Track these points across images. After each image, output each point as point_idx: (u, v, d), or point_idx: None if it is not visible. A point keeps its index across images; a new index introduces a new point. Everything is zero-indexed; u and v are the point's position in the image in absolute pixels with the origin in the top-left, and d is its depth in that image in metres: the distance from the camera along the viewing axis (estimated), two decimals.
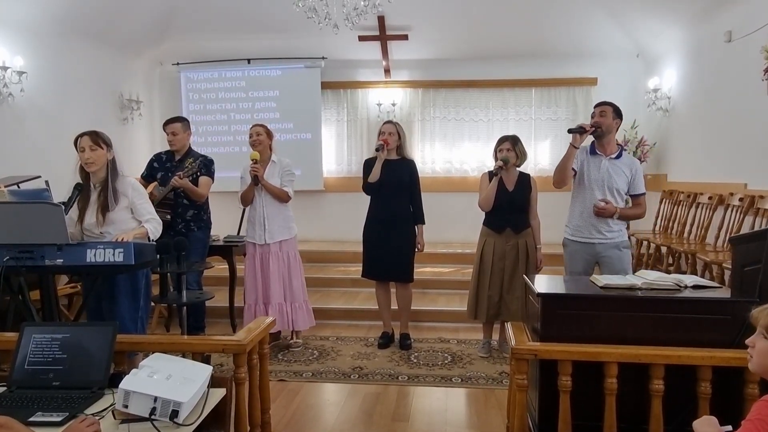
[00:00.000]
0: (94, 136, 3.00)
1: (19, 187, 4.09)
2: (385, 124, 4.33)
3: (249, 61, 7.20)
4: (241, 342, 2.28)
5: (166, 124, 4.32)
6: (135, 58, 6.89)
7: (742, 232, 4.29)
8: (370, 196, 4.32)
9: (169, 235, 3.93)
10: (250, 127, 4.30)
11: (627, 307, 2.30)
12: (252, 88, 7.29)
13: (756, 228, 4.18)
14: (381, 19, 6.27)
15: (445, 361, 4.07)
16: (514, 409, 2.27)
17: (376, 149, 4.22)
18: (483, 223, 4.14)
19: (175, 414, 1.75)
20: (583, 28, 6.31)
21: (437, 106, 7.27)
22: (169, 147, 4.32)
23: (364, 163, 4.35)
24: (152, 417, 1.74)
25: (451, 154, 7.29)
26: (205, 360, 2.35)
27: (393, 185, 4.19)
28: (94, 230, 3.03)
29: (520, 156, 4.04)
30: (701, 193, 5.19)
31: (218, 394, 2.02)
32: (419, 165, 4.80)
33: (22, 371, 2.03)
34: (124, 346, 2.30)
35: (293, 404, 3.37)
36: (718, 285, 2.56)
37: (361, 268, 4.40)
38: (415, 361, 4.08)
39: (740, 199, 4.50)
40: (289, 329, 4.32)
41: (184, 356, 2.40)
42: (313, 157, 7.12)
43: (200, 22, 6.46)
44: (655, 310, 2.27)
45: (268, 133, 4.25)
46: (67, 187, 3.11)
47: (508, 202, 4.00)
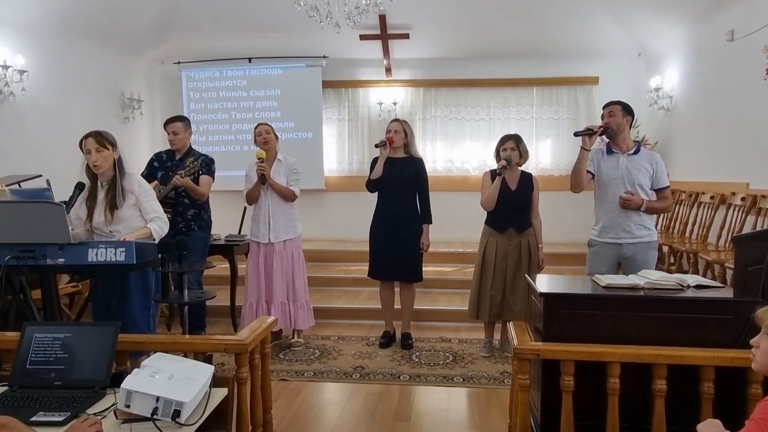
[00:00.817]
0: (99, 138, 2.98)
1: (20, 187, 4.09)
2: (391, 122, 4.32)
3: (250, 60, 7.20)
4: (243, 341, 2.28)
5: (167, 123, 4.31)
6: (136, 57, 6.89)
7: (744, 231, 4.29)
8: (373, 193, 4.30)
9: (169, 234, 3.92)
10: (256, 125, 4.28)
11: (629, 307, 2.30)
12: (253, 87, 7.29)
13: (758, 227, 4.18)
14: (382, 18, 6.27)
15: (447, 361, 4.06)
16: (517, 409, 2.27)
17: (376, 145, 4.22)
18: (485, 223, 4.13)
19: (177, 414, 1.75)
20: (585, 27, 6.29)
21: (438, 105, 7.26)
22: (170, 146, 4.32)
23: (372, 161, 4.34)
24: (154, 417, 1.74)
25: (452, 153, 7.28)
26: (207, 360, 2.35)
27: (398, 183, 4.18)
28: (104, 229, 3.03)
29: (523, 155, 4.03)
30: (703, 193, 5.18)
31: (220, 393, 2.02)
32: None
33: (23, 371, 2.03)
34: (126, 345, 2.30)
35: (295, 404, 3.37)
36: (720, 285, 2.56)
37: (368, 268, 4.38)
38: (416, 360, 4.08)
39: (742, 199, 4.49)
40: (291, 327, 4.31)
41: (185, 356, 2.40)
42: (314, 156, 7.11)
43: (201, 21, 6.46)
44: (658, 310, 2.27)
45: (274, 133, 4.26)
46: (69, 186, 3.11)
47: (511, 202, 3.98)
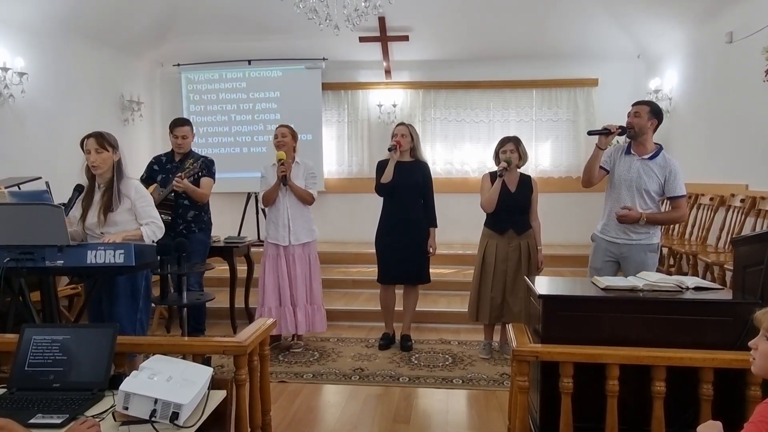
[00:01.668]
0: (100, 139, 2.98)
1: (19, 189, 4.09)
2: (398, 126, 4.32)
3: (249, 62, 7.21)
4: (242, 343, 2.28)
5: (176, 126, 4.25)
6: (136, 59, 6.89)
7: (743, 233, 4.29)
8: (383, 197, 4.30)
9: (169, 236, 3.92)
10: (276, 127, 4.26)
11: (628, 309, 2.29)
12: (253, 89, 7.29)
13: (757, 229, 4.18)
14: (382, 20, 6.27)
15: (446, 363, 4.06)
16: (516, 411, 2.26)
17: (389, 149, 4.21)
18: (484, 225, 4.13)
19: (175, 416, 1.75)
20: (585, 29, 6.30)
21: (438, 107, 7.27)
22: (177, 149, 4.28)
23: (377, 165, 4.32)
24: (153, 419, 1.74)
25: (452, 155, 7.29)
26: (206, 362, 2.34)
27: (406, 187, 4.18)
28: (96, 230, 3.02)
29: (522, 157, 4.03)
30: (702, 194, 5.18)
31: (219, 395, 2.02)
32: None
33: (22, 373, 2.03)
34: (125, 347, 2.29)
35: (294, 406, 3.37)
36: (719, 286, 2.55)
37: (378, 273, 4.35)
38: (416, 362, 4.07)
39: (741, 201, 4.50)
40: (310, 331, 4.30)
41: (184, 358, 2.40)
42: (313, 159, 7.02)
43: (201, 23, 6.47)
44: (657, 312, 2.27)
45: (293, 135, 4.23)
46: (69, 188, 3.11)
47: (511, 204, 3.98)
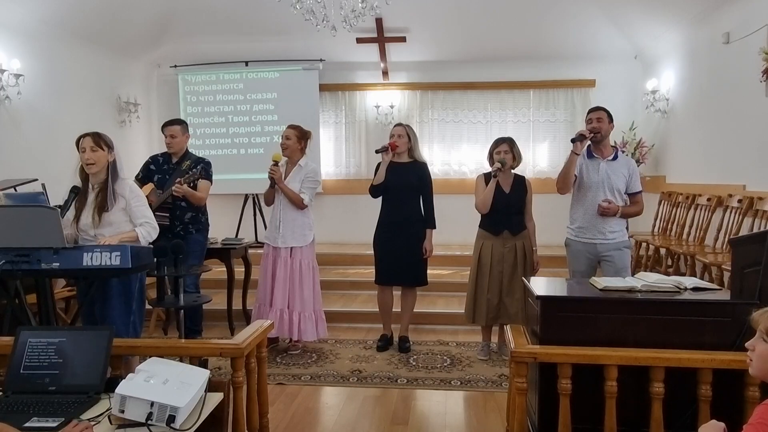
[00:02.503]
0: (96, 138, 3.00)
1: (15, 191, 4.07)
2: (395, 127, 4.31)
3: (247, 63, 7.20)
4: (239, 345, 2.27)
5: (165, 126, 4.29)
6: (132, 60, 6.88)
7: (741, 233, 4.29)
8: (376, 198, 4.29)
9: (166, 238, 3.91)
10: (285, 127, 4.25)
11: (627, 310, 2.29)
12: (250, 91, 7.28)
13: (755, 229, 4.18)
14: (379, 22, 6.27)
15: (444, 364, 4.05)
16: (514, 413, 2.26)
17: (376, 151, 4.21)
18: (479, 226, 4.13)
19: (172, 419, 1.73)
20: (581, 30, 6.31)
21: (435, 108, 7.27)
22: (167, 149, 4.29)
23: (376, 166, 4.31)
24: (149, 422, 1.72)
25: (449, 156, 7.29)
26: (203, 364, 2.33)
27: (401, 188, 4.17)
28: (89, 231, 3.01)
29: (517, 158, 4.05)
30: (700, 195, 5.18)
31: (216, 398, 2.00)
32: None
33: (17, 376, 2.01)
34: (121, 350, 2.28)
35: (291, 408, 3.35)
36: (717, 287, 2.55)
37: (375, 275, 4.34)
38: (414, 363, 4.06)
39: (739, 201, 4.50)
40: (288, 337, 4.24)
41: (181, 360, 2.39)
42: (311, 160, 7.08)
43: (198, 25, 6.46)
44: (655, 313, 2.26)
45: (302, 135, 4.19)
46: (65, 190, 3.10)
47: (506, 205, 3.99)
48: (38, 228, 2.61)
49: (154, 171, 4.29)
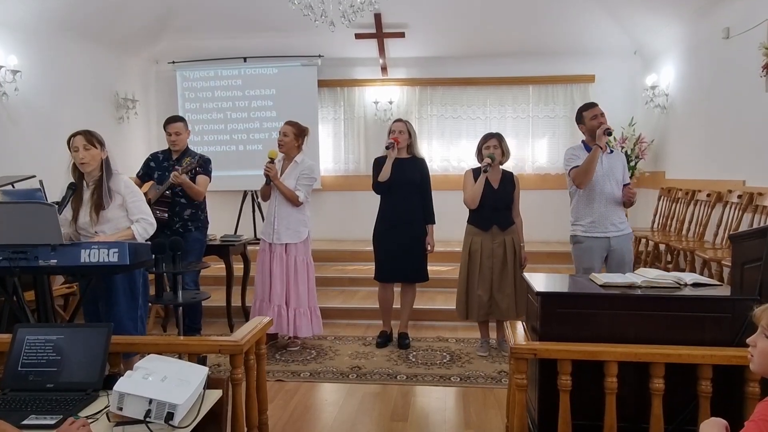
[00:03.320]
0: (88, 136, 2.98)
1: (13, 187, 4.06)
2: (395, 123, 4.29)
3: (245, 59, 7.17)
4: (238, 342, 2.26)
5: (168, 123, 4.25)
6: (131, 56, 6.85)
7: (740, 229, 4.28)
8: (380, 195, 4.28)
9: (165, 234, 3.91)
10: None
11: (627, 306, 2.28)
12: (248, 87, 7.26)
13: (754, 225, 4.18)
14: (377, 17, 6.25)
15: (444, 360, 4.05)
16: (514, 409, 2.25)
17: (386, 147, 4.19)
18: (468, 222, 4.15)
19: (170, 416, 1.73)
20: (581, 26, 6.29)
21: (434, 104, 7.25)
22: (171, 147, 4.26)
23: (374, 162, 4.30)
24: (147, 419, 1.72)
25: (448, 152, 7.28)
26: (201, 361, 2.33)
27: (403, 184, 4.16)
28: (89, 229, 3.00)
29: (505, 153, 4.06)
30: (699, 191, 5.18)
31: (214, 395, 2.00)
32: None
33: (15, 373, 2.00)
34: (119, 347, 2.27)
35: (291, 405, 3.35)
36: (717, 283, 2.54)
37: (375, 272, 4.33)
38: (413, 360, 4.06)
39: (739, 196, 4.49)
40: (287, 333, 4.24)
41: (180, 357, 2.38)
42: (310, 156, 7.04)
43: (196, 21, 6.43)
44: (655, 309, 2.25)
45: (299, 132, 4.19)
46: (62, 187, 3.09)
47: (495, 200, 4.01)
48: (36, 225, 2.60)
49: (155, 168, 4.28)
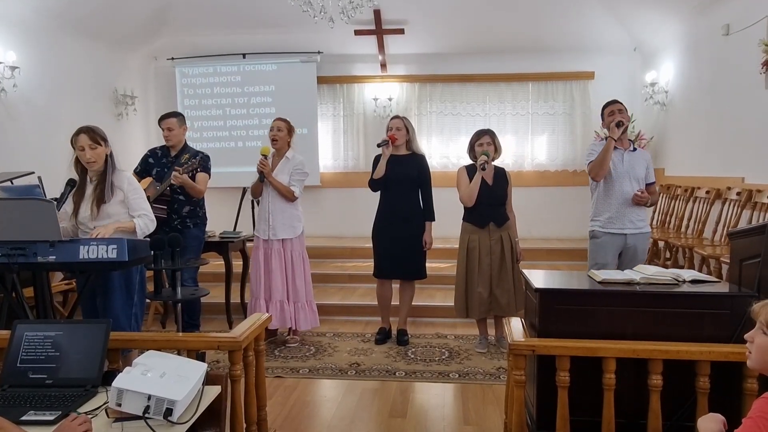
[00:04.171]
0: (92, 134, 2.95)
1: (12, 184, 4.06)
2: (392, 119, 4.29)
3: (244, 55, 7.16)
4: (236, 339, 2.26)
5: (162, 119, 4.28)
6: (129, 53, 6.84)
7: (739, 226, 4.29)
8: (376, 192, 4.28)
9: (164, 231, 3.90)
10: (273, 120, 4.24)
11: (625, 302, 2.29)
12: (247, 83, 7.25)
13: (753, 222, 4.18)
14: (377, 13, 6.24)
15: (443, 357, 4.05)
16: (512, 405, 2.26)
17: (378, 145, 4.18)
18: (464, 219, 4.15)
19: (169, 412, 1.73)
20: (581, 22, 6.28)
21: (434, 101, 7.24)
22: (165, 142, 4.28)
23: (374, 160, 4.29)
24: (146, 415, 1.72)
25: (447, 149, 7.27)
26: (200, 357, 2.33)
27: (400, 181, 4.15)
28: (88, 224, 2.99)
29: (498, 150, 4.07)
30: (699, 188, 5.18)
31: (213, 391, 2.00)
32: None
33: (14, 370, 2.00)
34: (118, 343, 2.28)
35: (290, 401, 3.36)
36: (716, 279, 2.55)
37: (374, 268, 4.33)
38: (412, 356, 4.07)
39: (738, 193, 4.49)
40: (290, 327, 4.27)
41: (179, 353, 2.38)
42: (309, 153, 7.04)
43: (195, 17, 6.42)
44: (654, 305, 2.26)
45: (289, 129, 4.20)
46: (61, 183, 3.08)
47: (490, 197, 4.02)
48: (35, 221, 2.60)
49: (153, 164, 4.28)
